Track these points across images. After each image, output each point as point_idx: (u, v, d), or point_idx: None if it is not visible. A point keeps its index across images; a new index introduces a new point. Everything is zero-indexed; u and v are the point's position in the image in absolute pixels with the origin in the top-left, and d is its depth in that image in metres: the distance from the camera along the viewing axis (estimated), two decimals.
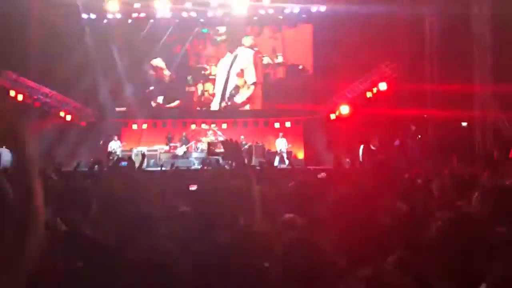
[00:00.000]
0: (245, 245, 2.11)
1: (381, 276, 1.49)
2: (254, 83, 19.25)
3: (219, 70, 19.37)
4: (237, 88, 19.34)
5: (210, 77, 19.41)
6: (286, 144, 17.22)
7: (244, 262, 1.34)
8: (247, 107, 19.31)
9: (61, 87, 17.00)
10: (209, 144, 17.12)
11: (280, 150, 17.09)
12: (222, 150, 15.04)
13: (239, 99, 19.37)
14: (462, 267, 1.53)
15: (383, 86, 15.41)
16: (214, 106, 19.38)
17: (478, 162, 11.94)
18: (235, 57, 19.28)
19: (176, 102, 19.48)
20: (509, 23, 12.17)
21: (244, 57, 19.23)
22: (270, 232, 2.63)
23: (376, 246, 2.39)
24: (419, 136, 14.90)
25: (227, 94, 19.35)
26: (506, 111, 13.23)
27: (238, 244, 2.04)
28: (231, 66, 19.31)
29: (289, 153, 17.23)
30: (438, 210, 2.61)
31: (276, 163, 15.88)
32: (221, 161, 13.86)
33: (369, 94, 15.76)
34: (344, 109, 16.35)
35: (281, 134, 17.43)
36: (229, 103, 19.34)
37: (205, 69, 19.44)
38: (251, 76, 19.26)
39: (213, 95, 19.41)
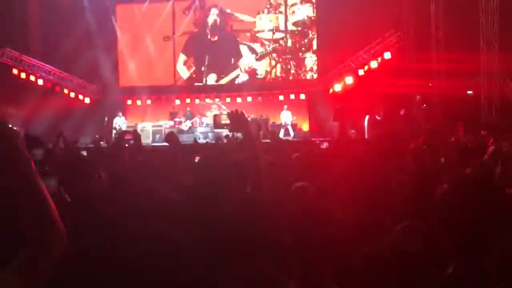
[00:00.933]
0: (252, 213, 2.11)
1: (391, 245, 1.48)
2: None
3: None
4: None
5: None
6: (291, 116, 17.16)
7: (251, 231, 1.34)
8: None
9: (64, 64, 16.95)
10: (215, 116, 17.10)
11: (285, 122, 17.04)
12: (228, 122, 15.03)
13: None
14: (470, 230, 1.52)
15: (387, 55, 15.22)
16: (213, 77, 19.23)
17: (483, 130, 11.86)
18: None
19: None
20: None
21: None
22: (277, 201, 2.64)
23: (383, 215, 2.40)
24: (425, 105, 14.79)
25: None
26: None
27: (244, 212, 2.04)
28: None
29: (294, 125, 17.19)
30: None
31: (281, 135, 15.88)
32: (227, 133, 13.85)
33: (374, 64, 15.57)
34: (349, 80, 16.20)
35: (285, 106, 17.35)
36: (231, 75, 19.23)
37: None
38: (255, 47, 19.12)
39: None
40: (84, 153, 7.05)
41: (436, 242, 1.74)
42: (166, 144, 4.47)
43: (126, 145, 4.97)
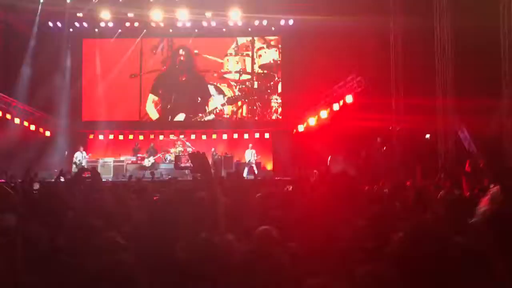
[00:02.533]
0: (205, 258, 2.11)
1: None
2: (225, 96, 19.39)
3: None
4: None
5: None
6: (255, 155, 17.28)
7: (202, 276, 1.35)
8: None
9: (25, 96, 16.59)
10: (176, 157, 17.02)
11: (249, 161, 17.12)
12: (189, 163, 14.99)
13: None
14: (426, 277, 1.58)
15: (349, 98, 15.69)
16: (181, 117, 19.30)
17: (441, 174, 12.24)
18: None
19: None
20: (470, 36, 12.61)
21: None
22: (232, 243, 2.65)
23: (337, 258, 2.44)
24: (384, 148, 15.20)
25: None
26: (467, 122, 13.65)
27: (197, 257, 2.04)
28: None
29: (258, 163, 17.28)
30: (399, 221, 2.69)
31: (245, 174, 15.90)
32: (188, 173, 13.78)
33: (336, 107, 16.01)
34: (312, 121, 16.55)
35: (250, 145, 17.50)
36: (199, 114, 19.34)
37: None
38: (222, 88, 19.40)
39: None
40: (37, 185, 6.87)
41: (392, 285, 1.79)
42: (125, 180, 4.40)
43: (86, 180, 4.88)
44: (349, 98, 15.69)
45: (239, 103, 19.41)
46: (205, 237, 2.35)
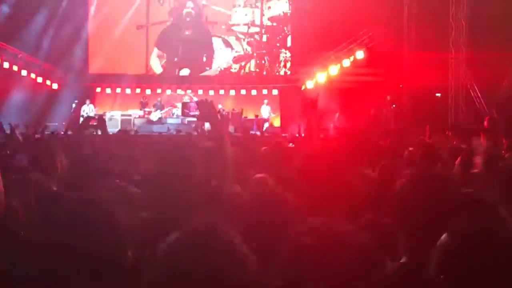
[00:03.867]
0: (216, 205, 2.10)
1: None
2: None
3: None
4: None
5: None
6: (271, 112, 17.21)
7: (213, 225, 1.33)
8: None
9: (31, 48, 16.42)
10: (183, 104, 16.91)
11: (267, 117, 17.17)
12: (196, 111, 14.96)
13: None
14: (424, 222, 1.55)
15: (360, 54, 15.37)
16: (186, 71, 19.09)
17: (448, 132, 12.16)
18: None
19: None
20: None
21: None
22: (241, 192, 2.64)
23: (342, 208, 2.42)
24: (394, 106, 15.04)
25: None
26: (479, 79, 13.44)
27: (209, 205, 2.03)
28: None
29: (264, 120, 17.25)
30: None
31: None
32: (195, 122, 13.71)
33: (346, 63, 15.71)
34: (321, 77, 16.31)
35: (265, 101, 17.41)
36: (206, 68, 19.14)
37: None
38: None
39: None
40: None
41: (392, 233, 1.77)
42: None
43: (93, 132, 4.87)
44: (359, 54, 15.37)
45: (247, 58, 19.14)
46: (215, 186, 2.35)
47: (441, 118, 14.04)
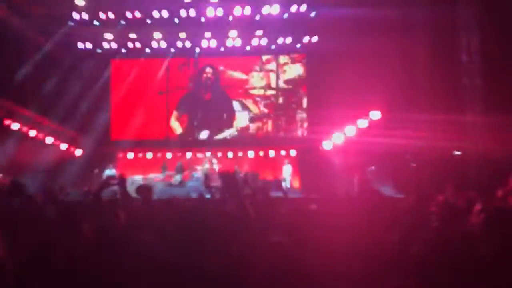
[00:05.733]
0: (237, 275, 2.12)
1: None
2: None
3: None
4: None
5: None
6: (291, 172, 17.28)
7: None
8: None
9: (56, 116, 17.05)
10: (206, 176, 17.02)
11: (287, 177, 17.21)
12: (218, 183, 14.96)
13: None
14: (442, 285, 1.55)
15: (376, 115, 15.53)
16: (205, 134, 19.49)
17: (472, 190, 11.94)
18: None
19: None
20: (497, 51, 12.40)
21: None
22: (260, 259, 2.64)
23: (364, 274, 2.40)
24: (414, 165, 14.94)
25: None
26: (497, 138, 13.33)
27: (229, 273, 2.04)
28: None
29: (278, 181, 17.23)
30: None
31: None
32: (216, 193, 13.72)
33: (363, 123, 15.86)
34: (338, 138, 16.43)
35: (286, 160, 17.54)
36: (224, 130, 19.52)
37: None
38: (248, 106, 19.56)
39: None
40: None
41: None
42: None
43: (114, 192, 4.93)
44: (375, 115, 15.53)
45: (264, 120, 19.53)
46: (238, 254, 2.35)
47: (462, 176, 13.83)
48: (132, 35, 17.61)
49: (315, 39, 17.84)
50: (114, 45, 18.33)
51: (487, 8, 13.06)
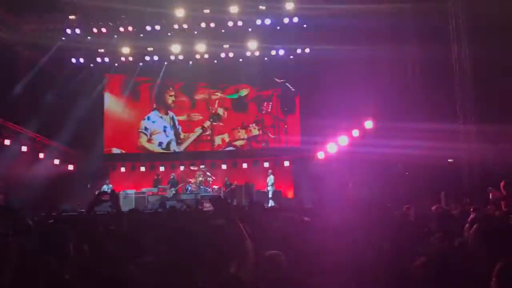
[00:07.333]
0: None
1: None
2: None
3: None
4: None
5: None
6: (273, 181, 17.30)
7: None
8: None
9: (48, 131, 16.93)
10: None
11: (271, 185, 17.20)
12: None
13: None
14: None
15: (369, 124, 15.57)
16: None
17: (466, 199, 11.96)
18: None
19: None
20: (489, 61, 12.52)
21: None
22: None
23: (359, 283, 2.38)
24: (407, 173, 14.96)
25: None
26: (491, 145, 13.40)
27: None
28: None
29: (279, 192, 17.22)
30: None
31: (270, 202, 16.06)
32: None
33: (355, 133, 15.90)
34: (331, 148, 16.45)
35: (270, 171, 17.54)
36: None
37: None
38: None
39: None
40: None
41: None
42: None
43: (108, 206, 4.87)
44: (368, 124, 15.57)
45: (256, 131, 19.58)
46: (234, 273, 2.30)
47: (455, 184, 13.88)
48: (125, 49, 17.59)
49: (307, 50, 17.90)
50: (106, 60, 18.34)
51: (479, 18, 13.22)
